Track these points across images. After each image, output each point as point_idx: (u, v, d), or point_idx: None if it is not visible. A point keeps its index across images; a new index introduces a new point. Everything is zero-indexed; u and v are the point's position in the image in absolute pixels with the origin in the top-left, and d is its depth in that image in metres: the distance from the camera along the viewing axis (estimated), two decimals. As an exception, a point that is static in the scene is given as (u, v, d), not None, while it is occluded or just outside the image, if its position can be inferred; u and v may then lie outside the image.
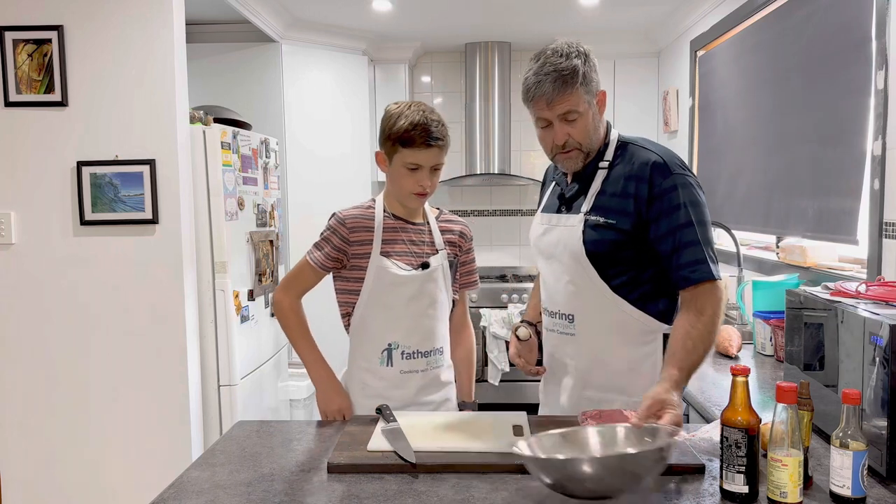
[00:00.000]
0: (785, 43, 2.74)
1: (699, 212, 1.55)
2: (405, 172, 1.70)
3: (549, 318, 1.70)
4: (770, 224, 2.88)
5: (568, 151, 1.59)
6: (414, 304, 1.74)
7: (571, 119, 1.55)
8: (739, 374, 1.24)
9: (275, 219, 3.31)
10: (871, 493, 1.22)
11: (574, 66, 1.52)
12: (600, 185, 1.60)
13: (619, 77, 4.51)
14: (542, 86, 1.52)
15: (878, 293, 1.49)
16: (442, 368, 1.83)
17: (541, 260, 1.73)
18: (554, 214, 1.68)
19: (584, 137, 1.58)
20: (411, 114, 1.67)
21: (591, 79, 1.55)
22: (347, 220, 1.74)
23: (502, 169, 4.65)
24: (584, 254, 1.57)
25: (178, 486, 1.29)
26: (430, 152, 1.68)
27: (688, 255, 1.51)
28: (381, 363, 1.75)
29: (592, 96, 1.57)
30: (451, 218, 1.89)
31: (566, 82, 1.51)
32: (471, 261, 1.91)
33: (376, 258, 1.72)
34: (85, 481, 2.61)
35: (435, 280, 1.77)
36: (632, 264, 1.58)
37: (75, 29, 2.49)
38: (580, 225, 1.58)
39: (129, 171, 2.52)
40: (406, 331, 1.75)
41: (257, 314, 3.07)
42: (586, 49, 1.57)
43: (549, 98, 1.53)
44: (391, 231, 1.76)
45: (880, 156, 2.06)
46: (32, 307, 2.57)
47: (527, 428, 1.50)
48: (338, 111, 4.29)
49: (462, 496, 1.22)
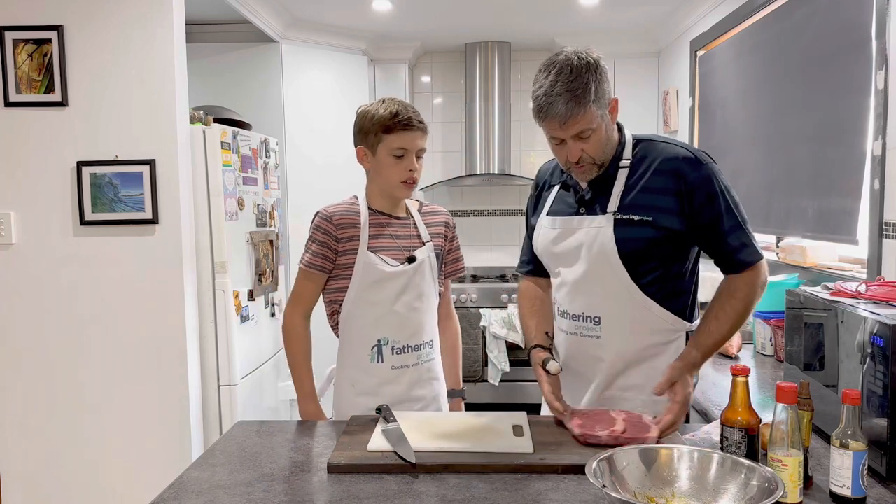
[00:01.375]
0: (785, 43, 2.74)
1: (734, 196, 1.56)
2: (392, 161, 1.71)
3: (570, 322, 1.66)
4: (770, 224, 2.88)
5: (582, 166, 1.57)
6: (402, 298, 1.74)
7: (585, 136, 1.52)
8: (739, 374, 1.24)
9: (275, 219, 3.31)
10: (871, 493, 1.22)
11: (586, 84, 1.47)
12: (624, 183, 1.58)
13: (619, 77, 4.50)
14: (555, 107, 1.47)
15: (878, 293, 1.49)
16: (433, 362, 1.83)
17: (556, 264, 1.68)
18: (573, 217, 1.63)
19: (598, 151, 1.56)
20: (388, 105, 1.73)
21: (602, 92, 1.52)
22: (334, 217, 1.74)
23: (502, 169, 4.65)
24: (615, 253, 1.55)
25: (178, 486, 1.29)
26: (413, 135, 1.71)
27: (734, 239, 1.53)
28: (371, 360, 1.75)
29: (605, 109, 1.54)
30: (433, 209, 1.90)
31: (578, 103, 1.47)
32: (456, 248, 1.92)
33: (363, 254, 1.72)
34: (85, 481, 2.61)
35: (422, 273, 1.77)
36: (662, 262, 1.57)
37: (75, 29, 2.49)
38: (609, 225, 1.56)
39: (129, 171, 2.52)
40: (395, 326, 1.75)
41: (257, 314, 3.07)
42: (596, 58, 1.52)
43: (562, 119, 1.49)
44: (377, 226, 1.76)
45: (880, 156, 2.06)
46: (32, 307, 2.57)
47: (527, 428, 1.50)
48: (338, 111, 4.28)
49: (462, 496, 1.22)
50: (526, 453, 1.36)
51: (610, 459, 1.19)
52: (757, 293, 1.54)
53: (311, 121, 4.15)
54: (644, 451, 1.22)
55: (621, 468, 1.19)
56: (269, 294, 3.23)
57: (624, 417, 1.46)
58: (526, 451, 1.37)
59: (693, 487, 1.17)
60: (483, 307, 4.26)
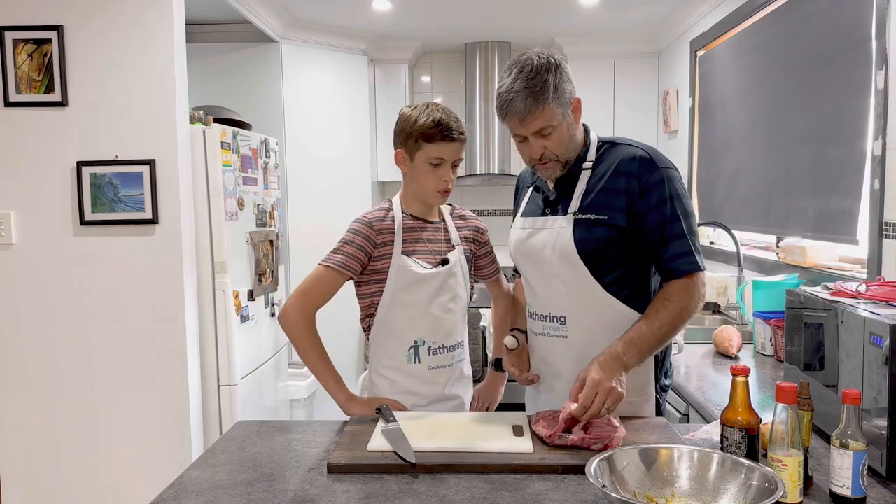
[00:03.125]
0: (785, 43, 2.74)
1: (684, 204, 1.56)
2: (428, 169, 1.71)
3: (538, 322, 1.69)
4: (770, 224, 2.88)
5: (545, 163, 1.60)
6: (437, 300, 1.76)
7: (546, 133, 1.56)
8: (739, 374, 1.24)
9: (275, 219, 3.31)
10: (871, 493, 1.22)
11: (545, 82, 1.51)
12: (586, 185, 1.61)
13: (619, 77, 4.51)
14: (514, 103, 1.52)
15: (878, 293, 1.49)
16: (464, 362, 1.86)
17: (525, 264, 1.72)
18: (538, 218, 1.67)
19: (560, 148, 1.58)
20: (431, 112, 1.71)
21: (563, 90, 1.54)
22: (374, 223, 1.75)
23: (502, 169, 4.65)
24: (575, 253, 1.57)
25: (178, 486, 1.29)
26: (452, 146, 1.71)
27: (675, 247, 1.54)
28: (409, 360, 1.77)
29: (566, 107, 1.56)
30: (463, 214, 1.92)
31: (537, 99, 1.51)
32: (489, 251, 1.96)
33: (398, 258, 1.73)
34: (85, 481, 2.61)
35: (455, 275, 1.79)
36: (623, 261, 1.59)
37: (75, 29, 2.49)
38: (569, 225, 1.59)
39: (129, 171, 2.52)
40: (431, 327, 1.76)
41: (257, 314, 3.07)
42: (558, 59, 1.55)
43: (521, 115, 1.53)
44: (410, 231, 1.77)
45: (880, 156, 2.06)
46: (32, 307, 2.57)
47: (527, 428, 1.50)
48: (338, 111, 4.29)
49: (462, 496, 1.22)
50: (526, 453, 1.36)
51: (610, 459, 1.19)
52: (690, 302, 1.53)
53: (311, 121, 4.15)
54: (644, 451, 1.22)
55: (621, 468, 1.19)
56: (269, 294, 3.23)
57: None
58: (526, 451, 1.37)
59: (693, 487, 1.17)
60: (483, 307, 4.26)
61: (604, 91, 4.50)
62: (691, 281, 1.54)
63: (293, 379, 3.49)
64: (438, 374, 1.78)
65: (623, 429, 1.41)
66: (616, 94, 4.49)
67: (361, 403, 1.73)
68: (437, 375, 1.78)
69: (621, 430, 1.39)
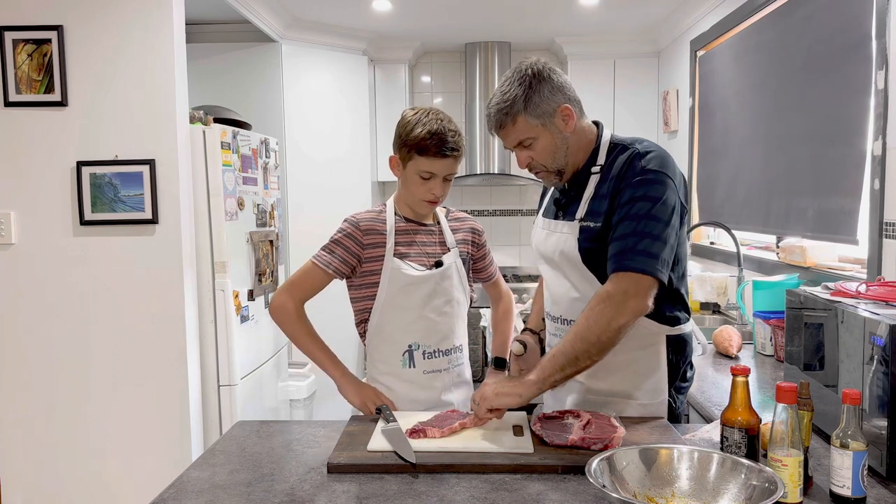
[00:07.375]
0: (785, 43, 2.74)
1: (658, 213, 1.45)
2: (418, 180, 1.70)
3: (553, 324, 1.69)
4: (770, 224, 2.88)
5: (537, 172, 1.61)
6: (431, 303, 1.74)
7: (527, 145, 1.56)
8: (739, 374, 1.24)
9: (275, 219, 3.31)
10: (871, 493, 1.22)
11: (514, 97, 1.50)
12: (594, 189, 1.57)
13: (619, 77, 4.51)
14: (489, 118, 1.56)
15: (878, 293, 1.49)
16: (463, 366, 1.84)
17: (543, 264, 1.71)
18: (552, 220, 1.67)
19: (547, 159, 1.56)
20: (429, 122, 1.66)
21: (537, 102, 1.51)
22: (362, 223, 1.74)
23: (502, 169, 4.65)
24: (580, 261, 1.56)
25: (178, 486, 1.29)
26: (444, 162, 1.68)
27: (616, 245, 1.46)
28: (403, 365, 1.75)
29: (547, 118, 1.52)
30: (459, 216, 1.91)
31: (506, 114, 1.52)
32: (486, 253, 1.94)
33: (390, 260, 1.72)
34: (85, 481, 2.61)
35: (450, 278, 1.77)
36: None
37: (75, 29, 2.49)
38: (574, 231, 1.57)
39: (129, 171, 2.52)
40: (425, 331, 1.75)
41: (257, 314, 3.07)
42: (543, 69, 1.52)
43: (495, 130, 1.56)
44: (403, 233, 1.76)
45: (880, 156, 2.06)
46: (32, 307, 2.57)
47: (527, 428, 1.50)
48: (338, 111, 4.28)
49: (462, 496, 1.22)
50: (526, 453, 1.36)
51: (610, 459, 1.19)
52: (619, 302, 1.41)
53: (311, 121, 4.15)
54: (644, 451, 1.22)
55: (621, 468, 1.19)
56: (269, 294, 3.22)
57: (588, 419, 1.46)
58: (526, 451, 1.37)
59: (693, 487, 1.17)
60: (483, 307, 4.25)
61: (604, 91, 4.50)
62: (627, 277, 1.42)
63: (293, 379, 3.49)
64: (434, 379, 1.76)
65: (623, 429, 1.41)
66: (616, 95, 4.49)
67: (356, 384, 1.73)
68: (432, 380, 1.76)
69: (621, 430, 1.39)
